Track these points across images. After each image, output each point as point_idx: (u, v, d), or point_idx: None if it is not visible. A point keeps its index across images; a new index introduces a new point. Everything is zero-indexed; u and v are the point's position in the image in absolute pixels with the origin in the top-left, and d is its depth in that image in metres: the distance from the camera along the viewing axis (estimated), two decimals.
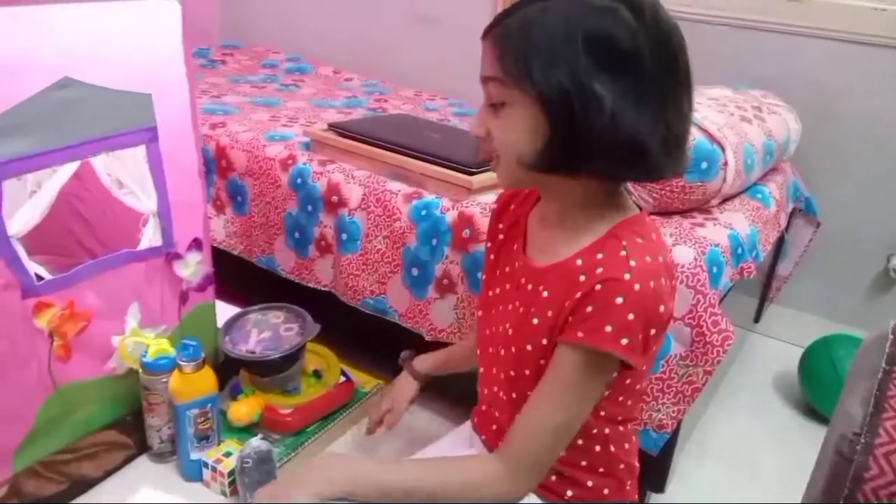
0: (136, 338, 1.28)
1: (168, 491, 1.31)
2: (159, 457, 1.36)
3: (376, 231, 1.47)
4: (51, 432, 1.20)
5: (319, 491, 0.79)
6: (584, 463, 0.84)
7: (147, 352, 1.27)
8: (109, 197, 1.25)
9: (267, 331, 1.43)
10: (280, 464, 1.10)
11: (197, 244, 1.35)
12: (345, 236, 1.50)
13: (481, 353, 0.90)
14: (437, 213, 1.39)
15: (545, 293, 0.78)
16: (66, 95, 1.08)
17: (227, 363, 1.46)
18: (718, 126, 1.37)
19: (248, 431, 1.39)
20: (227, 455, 1.31)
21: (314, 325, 1.41)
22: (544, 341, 0.77)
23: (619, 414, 0.83)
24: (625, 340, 0.71)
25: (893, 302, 1.94)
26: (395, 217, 1.44)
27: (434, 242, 1.39)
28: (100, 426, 1.30)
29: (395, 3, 2.46)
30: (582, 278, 0.73)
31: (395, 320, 1.48)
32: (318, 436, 1.43)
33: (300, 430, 1.42)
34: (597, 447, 0.84)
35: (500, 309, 0.86)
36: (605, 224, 0.76)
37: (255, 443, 1.03)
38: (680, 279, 1.18)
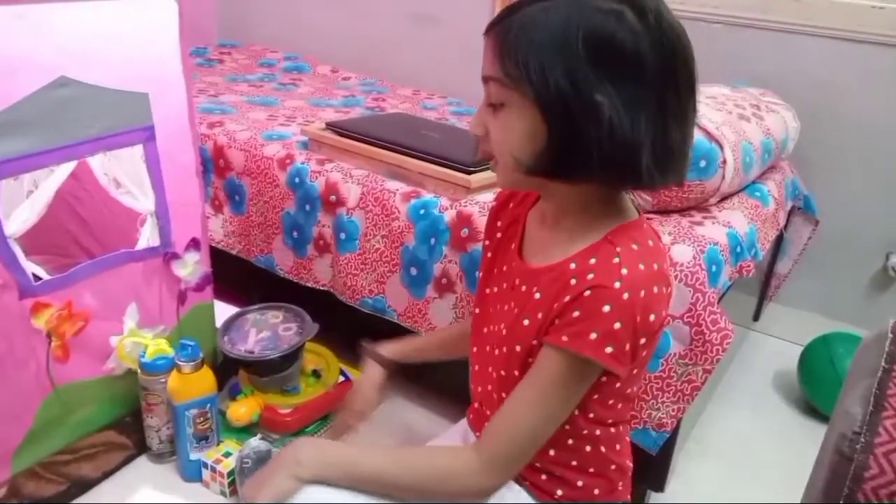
0: (135, 338, 1.28)
1: (167, 491, 1.31)
2: (158, 457, 1.36)
3: (375, 230, 1.46)
4: (50, 433, 1.20)
5: (292, 473, 0.80)
6: (574, 463, 0.84)
7: (145, 352, 1.27)
8: (107, 197, 1.24)
9: (266, 330, 1.43)
10: None
11: (195, 244, 1.35)
12: (343, 235, 1.50)
13: (478, 350, 0.90)
14: (436, 212, 1.39)
15: (537, 295, 0.78)
16: (62, 95, 1.08)
17: (226, 363, 1.45)
18: (717, 124, 1.37)
19: (248, 431, 1.39)
20: (227, 455, 1.31)
21: (313, 324, 1.41)
22: (534, 342, 0.77)
23: (609, 417, 0.83)
24: (609, 349, 0.70)
25: (892, 300, 1.94)
26: (394, 216, 1.43)
27: (432, 241, 1.39)
28: (99, 427, 1.30)
29: (394, 2, 2.46)
30: (573, 282, 0.73)
31: (394, 320, 1.48)
32: (317, 435, 1.43)
33: (299, 429, 1.42)
34: (587, 447, 0.83)
35: (496, 308, 0.86)
36: (603, 228, 0.76)
37: (255, 443, 1.03)
38: (679, 278, 1.18)
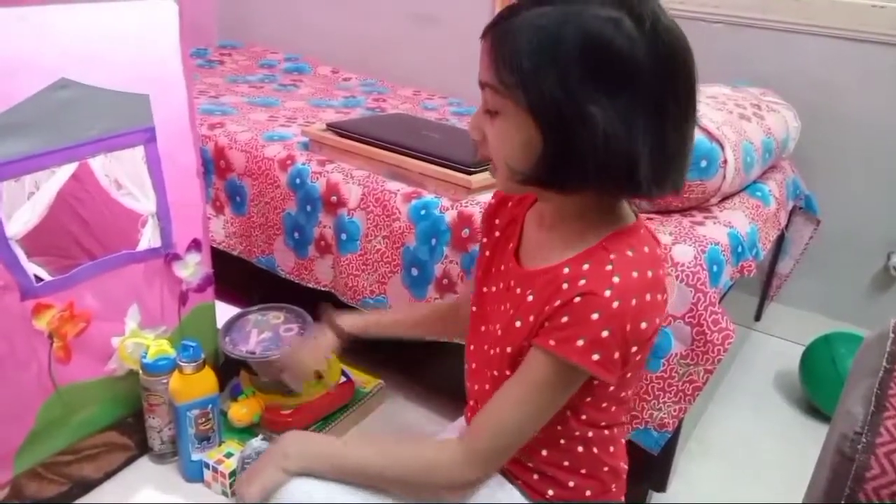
0: (136, 339, 1.28)
1: (169, 492, 1.31)
2: (160, 458, 1.37)
3: (376, 231, 1.46)
4: (51, 434, 1.20)
5: (280, 466, 0.81)
6: (566, 463, 0.84)
7: (147, 353, 1.28)
8: (108, 198, 1.25)
9: (267, 331, 1.43)
10: None
11: (196, 245, 1.35)
12: (344, 236, 1.50)
13: (474, 348, 0.90)
14: (437, 212, 1.39)
15: (530, 297, 0.78)
16: (63, 96, 1.08)
17: (228, 364, 1.46)
18: (717, 124, 1.37)
19: (249, 432, 1.39)
20: (229, 456, 1.31)
21: (314, 325, 1.41)
22: (525, 344, 0.77)
23: (602, 419, 0.83)
24: (596, 356, 0.70)
25: (894, 300, 1.94)
26: (395, 217, 1.43)
27: (433, 242, 1.39)
28: (100, 427, 1.30)
29: (394, 3, 2.46)
30: (565, 286, 0.72)
31: None
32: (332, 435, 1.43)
33: (302, 430, 1.42)
34: (579, 448, 0.83)
35: (494, 308, 0.86)
36: (599, 233, 0.76)
37: (257, 443, 1.03)
38: (680, 278, 1.18)
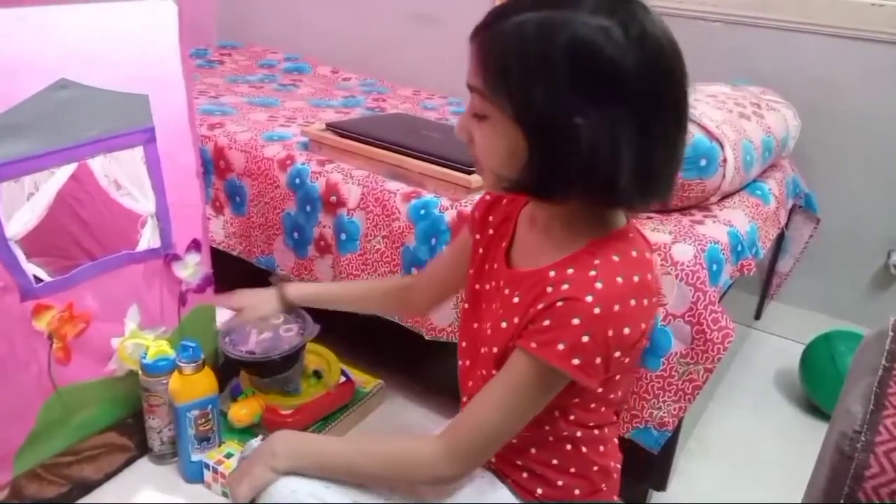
0: (136, 339, 1.28)
1: (169, 492, 1.31)
2: (160, 458, 1.37)
3: (375, 231, 1.46)
4: (51, 434, 1.20)
5: (268, 465, 0.82)
6: (554, 462, 0.84)
7: (147, 353, 1.28)
8: (107, 198, 1.25)
9: (267, 331, 1.43)
10: None
11: (196, 245, 1.35)
12: (344, 236, 1.50)
13: (467, 346, 0.90)
14: (436, 212, 1.39)
15: (516, 299, 0.78)
16: (63, 97, 1.08)
17: (228, 364, 1.46)
18: (717, 123, 1.37)
19: (249, 432, 1.39)
20: (229, 456, 1.31)
21: (314, 325, 1.41)
22: (510, 345, 0.78)
23: (591, 420, 0.83)
24: (576, 361, 0.70)
25: (894, 298, 1.94)
26: (394, 217, 1.43)
27: (433, 242, 1.39)
28: (100, 428, 1.30)
29: (393, 3, 2.46)
30: (549, 290, 0.73)
31: (395, 320, 1.48)
32: (319, 434, 1.43)
33: (301, 430, 1.42)
34: (567, 447, 0.84)
35: (487, 306, 0.87)
36: (587, 237, 0.76)
37: (256, 444, 1.03)
38: (680, 277, 1.18)
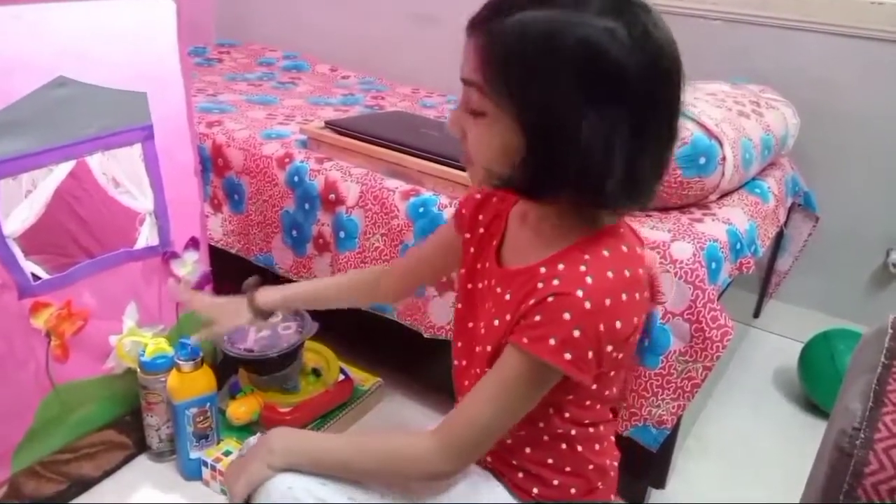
0: (134, 337, 1.28)
1: (167, 490, 1.31)
2: (158, 456, 1.37)
3: (374, 228, 1.46)
4: (49, 432, 1.20)
5: (265, 462, 0.82)
6: (550, 461, 0.84)
7: (145, 351, 1.28)
8: (105, 196, 1.25)
9: (265, 329, 1.43)
10: None
11: (194, 243, 1.35)
12: (342, 234, 1.50)
13: (462, 345, 0.90)
14: (435, 209, 1.39)
15: (508, 297, 0.78)
16: (61, 94, 1.08)
17: (226, 362, 1.46)
18: (716, 121, 1.36)
19: (248, 430, 1.39)
20: (227, 454, 1.31)
21: (312, 323, 1.41)
22: (503, 342, 0.77)
23: (586, 417, 0.83)
24: (568, 355, 0.70)
25: (893, 296, 1.94)
26: (393, 214, 1.43)
27: None
28: (98, 426, 1.30)
29: (392, 1, 2.46)
30: (539, 285, 0.73)
31: (394, 318, 1.48)
32: (317, 431, 1.43)
33: (300, 428, 1.42)
34: (562, 446, 0.83)
35: (481, 306, 0.87)
36: (577, 234, 0.76)
37: (255, 441, 1.03)
38: (678, 275, 1.18)
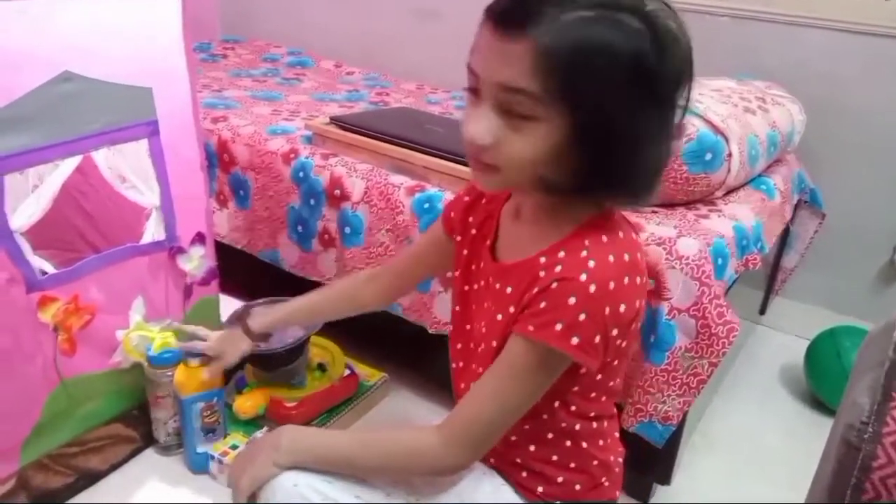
0: (141, 331, 1.28)
1: (175, 484, 1.32)
2: (165, 450, 1.37)
3: (379, 224, 1.46)
4: (57, 426, 1.21)
5: (270, 459, 0.82)
6: (554, 458, 0.84)
7: (152, 345, 1.28)
8: (112, 191, 1.25)
9: None
10: None
11: (200, 238, 1.35)
12: (348, 230, 1.50)
13: (461, 347, 0.90)
14: (440, 205, 1.39)
15: (509, 290, 0.79)
16: (67, 89, 1.08)
17: None
18: (722, 117, 1.36)
19: (254, 424, 1.40)
20: (234, 448, 1.32)
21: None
22: (507, 335, 0.77)
23: (591, 410, 0.83)
24: (575, 340, 0.70)
25: None
26: (398, 210, 1.43)
27: None
28: (106, 419, 1.30)
29: None
30: (542, 274, 0.73)
31: (399, 314, 1.48)
32: (323, 428, 1.44)
33: (305, 422, 1.42)
34: (567, 442, 0.83)
35: (478, 306, 0.87)
36: (574, 221, 0.76)
37: (261, 435, 1.04)
38: (685, 271, 1.18)
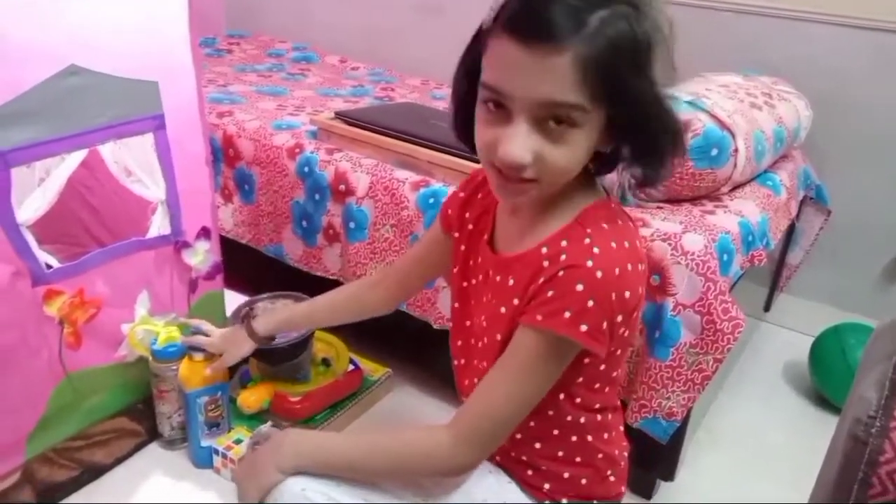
0: (146, 325, 1.28)
1: (179, 478, 1.32)
2: (170, 444, 1.38)
3: (384, 219, 1.46)
4: (62, 419, 1.21)
5: (275, 466, 0.81)
6: (560, 454, 0.84)
7: (157, 339, 1.28)
8: (117, 185, 1.25)
9: None
10: None
11: (205, 233, 1.35)
12: (352, 225, 1.50)
13: (462, 344, 0.90)
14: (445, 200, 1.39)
15: (511, 282, 0.78)
16: (73, 83, 1.08)
17: None
18: (728, 113, 1.36)
19: (258, 419, 1.40)
20: (238, 442, 1.32)
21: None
22: (512, 328, 0.77)
23: (596, 402, 0.83)
24: (584, 327, 0.71)
25: None
26: (403, 205, 1.43)
27: None
28: (111, 413, 1.31)
29: None
30: (546, 264, 0.73)
31: (404, 309, 1.48)
32: (327, 423, 1.44)
33: (309, 417, 1.43)
34: (572, 437, 0.83)
35: (477, 301, 0.86)
36: (573, 210, 0.76)
37: (265, 430, 1.03)
38: (690, 266, 1.17)
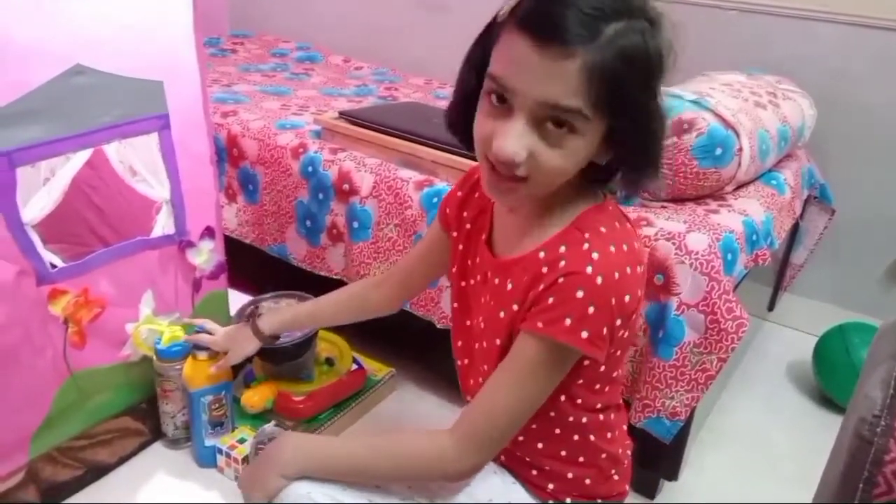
0: (150, 325, 1.29)
1: (182, 477, 1.32)
2: (174, 443, 1.38)
3: (388, 219, 1.47)
4: (66, 418, 1.21)
5: (278, 471, 0.81)
6: (563, 454, 0.84)
7: (161, 339, 1.29)
8: (122, 185, 1.25)
9: None
10: None
11: (210, 232, 1.36)
12: (356, 224, 1.50)
13: (463, 344, 0.90)
14: None
15: (509, 286, 0.78)
16: (78, 82, 1.08)
17: None
18: (733, 112, 1.35)
19: (262, 418, 1.40)
20: (241, 441, 1.32)
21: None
22: (511, 332, 0.77)
23: (598, 402, 0.83)
24: (585, 333, 0.71)
25: None
26: (407, 205, 1.43)
27: None
28: (114, 413, 1.31)
29: None
30: (545, 270, 0.73)
31: (407, 308, 1.48)
32: (330, 422, 1.44)
33: (313, 416, 1.43)
34: (575, 437, 0.83)
35: (476, 301, 0.86)
36: (571, 213, 0.76)
37: (269, 429, 1.04)
38: (694, 266, 1.17)
